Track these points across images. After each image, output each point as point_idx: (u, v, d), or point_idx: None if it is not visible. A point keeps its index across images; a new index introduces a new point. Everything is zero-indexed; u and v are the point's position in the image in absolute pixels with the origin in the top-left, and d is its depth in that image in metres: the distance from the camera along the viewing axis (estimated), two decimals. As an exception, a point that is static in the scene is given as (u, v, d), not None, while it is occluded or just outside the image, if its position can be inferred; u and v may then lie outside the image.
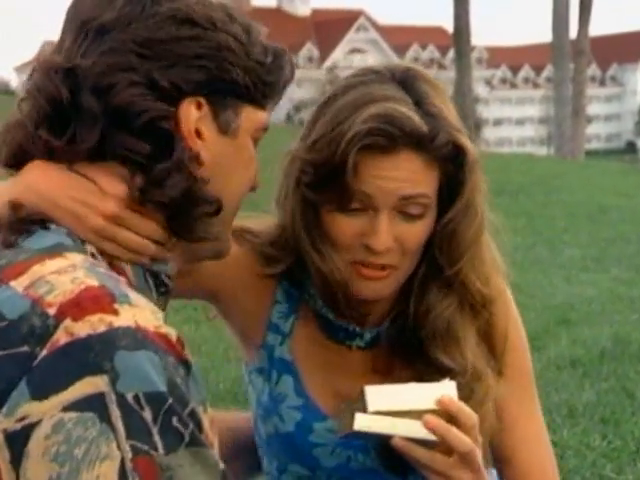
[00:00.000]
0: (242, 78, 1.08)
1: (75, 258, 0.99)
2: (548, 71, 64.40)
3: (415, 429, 1.23)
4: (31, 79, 1.06)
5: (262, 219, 1.49)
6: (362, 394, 1.25)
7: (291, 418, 1.43)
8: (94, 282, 0.95)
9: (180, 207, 1.05)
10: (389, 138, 1.30)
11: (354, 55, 78.75)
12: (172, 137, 1.04)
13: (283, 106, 73.29)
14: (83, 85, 1.03)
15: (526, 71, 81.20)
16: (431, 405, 1.24)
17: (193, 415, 0.92)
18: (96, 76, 1.03)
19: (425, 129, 1.31)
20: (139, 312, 0.94)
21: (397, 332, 1.41)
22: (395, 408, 1.23)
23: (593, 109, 69.78)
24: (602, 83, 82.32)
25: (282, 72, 1.13)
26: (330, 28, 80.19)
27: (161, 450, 0.89)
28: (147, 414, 0.89)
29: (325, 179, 1.33)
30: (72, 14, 1.09)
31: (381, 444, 1.32)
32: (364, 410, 1.23)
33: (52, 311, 0.92)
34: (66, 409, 0.89)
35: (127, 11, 1.06)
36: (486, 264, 1.40)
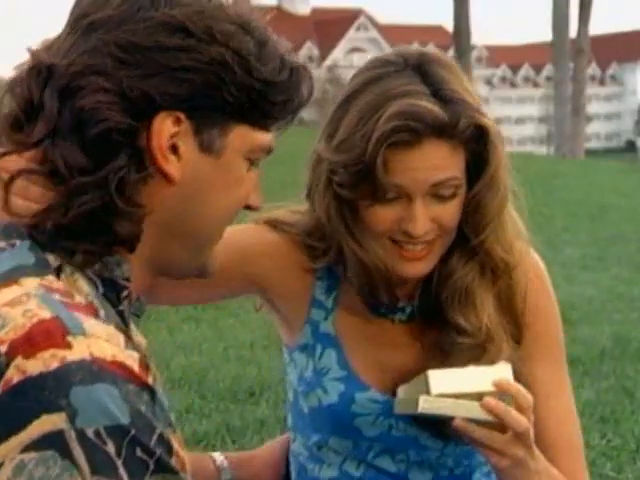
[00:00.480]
0: (236, 96, 1.01)
1: (30, 285, 0.95)
2: (548, 70, 64.39)
3: (475, 410, 1.32)
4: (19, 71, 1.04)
5: (288, 209, 1.56)
6: (425, 377, 1.34)
7: (334, 389, 1.49)
8: (47, 314, 0.91)
9: (81, 234, 0.99)
10: (413, 133, 1.36)
11: (354, 54, 78.71)
12: (120, 152, 0.98)
13: (283, 105, 73.17)
14: (56, 83, 1.00)
15: (526, 70, 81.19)
16: (489, 387, 1.33)
17: (161, 440, 0.91)
18: (70, 76, 0.99)
19: (446, 118, 1.37)
20: (94, 342, 0.90)
21: (429, 304, 1.49)
22: (456, 391, 1.33)
23: (593, 108, 69.74)
24: (602, 82, 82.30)
25: (297, 92, 1.06)
26: (330, 27, 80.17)
27: None
28: (110, 448, 0.87)
29: (357, 178, 1.39)
30: (74, 7, 1.05)
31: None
32: (427, 393, 1.33)
33: (3, 348, 0.90)
34: (25, 450, 0.87)
35: (121, 11, 1.00)
36: (508, 233, 1.47)
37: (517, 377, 1.45)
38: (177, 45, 0.99)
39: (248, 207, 1.11)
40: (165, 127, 0.99)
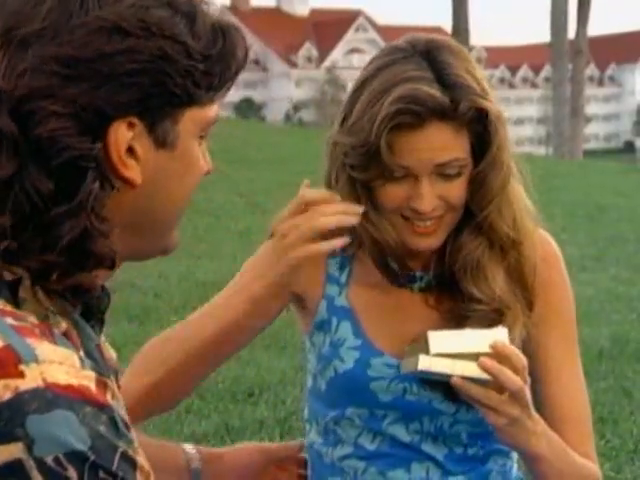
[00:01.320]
0: (181, 85, 0.99)
1: None
2: (546, 71, 64.41)
3: (471, 369, 1.39)
4: None
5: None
6: (425, 338, 1.41)
7: (350, 357, 1.55)
8: None
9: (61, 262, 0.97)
10: (415, 116, 1.44)
11: (353, 55, 78.72)
12: (87, 173, 0.96)
13: (282, 106, 73.26)
14: (3, 107, 0.95)
15: (524, 71, 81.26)
16: (486, 348, 1.40)
17: (124, 457, 0.90)
18: (16, 100, 0.95)
19: (447, 102, 1.44)
20: (46, 368, 0.89)
21: (443, 274, 1.57)
22: (454, 351, 1.40)
23: (591, 109, 69.82)
24: (600, 83, 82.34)
25: (234, 56, 1.03)
26: (329, 28, 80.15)
27: None
28: (71, 473, 0.87)
29: (366, 159, 1.48)
30: None
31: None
32: (427, 352, 1.40)
33: None
34: None
35: (52, 21, 0.96)
36: (513, 210, 1.54)
37: (529, 351, 1.53)
38: (117, 50, 0.96)
39: (207, 172, 1.09)
40: (120, 135, 0.97)
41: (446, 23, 27.29)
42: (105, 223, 0.98)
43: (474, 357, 1.40)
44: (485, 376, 1.39)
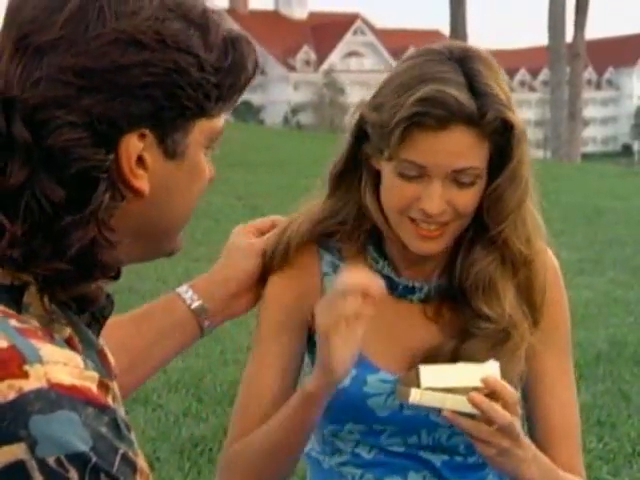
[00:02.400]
0: (193, 97, 1.00)
1: None
2: (544, 74, 64.41)
3: (462, 404, 1.40)
4: None
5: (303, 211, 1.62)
6: (417, 372, 1.42)
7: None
8: (3, 343, 0.90)
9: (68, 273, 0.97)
10: (436, 119, 1.43)
11: (351, 58, 78.75)
12: (98, 183, 0.97)
13: (280, 109, 73.26)
14: (17, 115, 0.96)
15: (522, 74, 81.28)
16: (477, 383, 1.41)
17: (125, 459, 0.91)
18: (30, 109, 0.95)
19: (474, 108, 1.44)
20: (50, 369, 0.90)
21: (446, 286, 1.56)
22: (445, 385, 1.41)
23: (589, 112, 69.82)
24: (598, 86, 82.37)
25: (243, 70, 1.04)
26: (327, 31, 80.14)
27: None
28: (73, 474, 0.87)
29: (381, 140, 1.48)
30: (10, 19, 0.99)
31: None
32: (418, 386, 1.41)
33: None
34: None
35: (69, 31, 0.96)
36: (527, 227, 1.55)
37: (526, 364, 1.55)
38: (133, 62, 0.96)
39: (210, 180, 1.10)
40: (132, 146, 0.98)
41: (444, 26, 27.29)
42: (113, 233, 0.99)
43: (465, 391, 1.40)
44: (475, 411, 1.40)
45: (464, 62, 1.47)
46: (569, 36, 24.81)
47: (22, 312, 0.96)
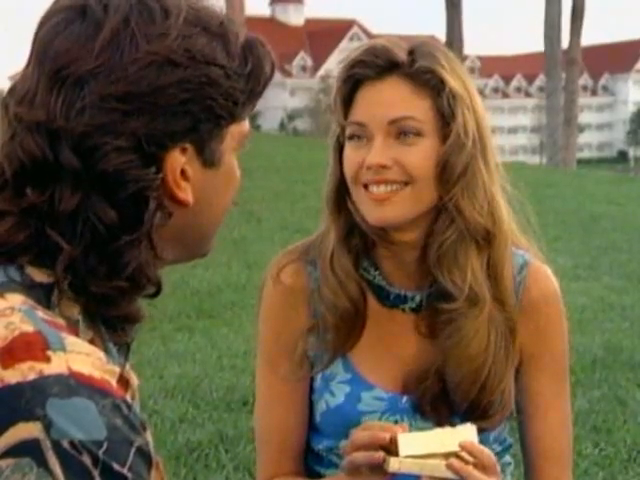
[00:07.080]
0: (225, 106, 1.04)
1: (15, 300, 0.96)
2: (540, 80, 64.54)
3: (441, 469, 1.41)
4: (5, 127, 1.01)
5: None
6: (395, 440, 1.42)
7: (341, 391, 1.57)
8: (29, 328, 0.93)
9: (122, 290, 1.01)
10: (371, 67, 1.49)
11: (347, 64, 78.70)
12: (149, 201, 1.01)
13: (277, 115, 73.27)
14: (65, 144, 0.99)
15: (518, 80, 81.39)
16: (455, 447, 1.42)
17: (140, 453, 0.92)
18: (78, 137, 0.99)
19: (404, 57, 1.49)
20: (72, 357, 0.92)
21: (437, 294, 1.56)
22: (424, 452, 1.41)
23: (585, 118, 69.92)
24: (594, 92, 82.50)
25: (262, 72, 1.09)
26: (323, 37, 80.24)
27: None
28: (86, 458, 0.88)
29: (336, 120, 1.54)
30: (42, 52, 1.02)
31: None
32: (397, 454, 1.41)
33: None
34: (2, 456, 0.87)
35: (105, 59, 0.99)
36: (479, 196, 1.52)
37: (521, 384, 1.56)
38: (169, 82, 1.00)
39: None
40: (176, 162, 1.02)
41: (440, 32, 27.36)
42: (157, 249, 1.03)
43: (444, 456, 1.42)
44: (454, 476, 1.41)
45: (420, 45, 1.53)
46: (565, 42, 24.86)
47: (51, 309, 0.98)
